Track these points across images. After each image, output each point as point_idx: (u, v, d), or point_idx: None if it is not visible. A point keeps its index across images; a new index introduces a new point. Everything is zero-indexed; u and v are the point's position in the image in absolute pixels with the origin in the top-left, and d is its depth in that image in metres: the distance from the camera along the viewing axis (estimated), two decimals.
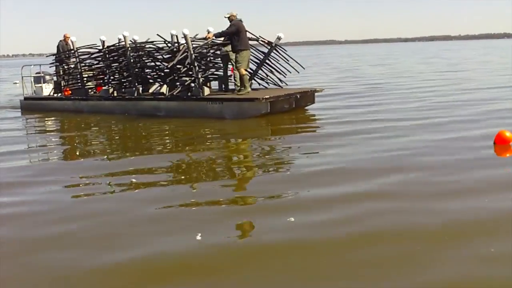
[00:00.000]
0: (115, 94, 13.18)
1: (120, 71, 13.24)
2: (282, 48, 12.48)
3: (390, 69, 29.30)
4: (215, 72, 12.58)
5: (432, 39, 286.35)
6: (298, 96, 11.50)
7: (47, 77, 15.37)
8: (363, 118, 10.48)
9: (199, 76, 11.45)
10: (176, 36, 12.91)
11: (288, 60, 12.55)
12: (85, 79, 13.92)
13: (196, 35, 12.15)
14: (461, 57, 42.25)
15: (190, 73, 11.62)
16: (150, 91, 12.50)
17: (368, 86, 18.03)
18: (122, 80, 13.28)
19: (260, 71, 12.60)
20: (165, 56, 12.38)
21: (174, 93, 11.77)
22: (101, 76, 13.82)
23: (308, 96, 11.83)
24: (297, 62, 12.65)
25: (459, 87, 16.18)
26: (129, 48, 12.69)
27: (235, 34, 11.43)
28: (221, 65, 12.54)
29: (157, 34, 12.57)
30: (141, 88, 12.89)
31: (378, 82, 19.59)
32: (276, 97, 10.84)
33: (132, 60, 12.76)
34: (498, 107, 11.42)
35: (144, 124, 11.22)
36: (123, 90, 13.13)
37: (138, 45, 12.78)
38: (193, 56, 11.28)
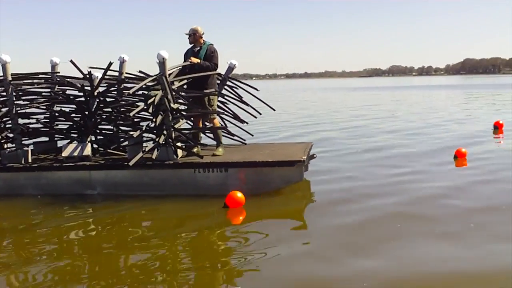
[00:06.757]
0: None
1: None
2: (237, 82, 8.10)
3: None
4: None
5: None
6: (315, 156, 7.70)
7: None
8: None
9: (171, 129, 6.80)
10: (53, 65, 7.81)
11: (241, 98, 8.00)
12: None
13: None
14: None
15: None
16: (64, 154, 7.18)
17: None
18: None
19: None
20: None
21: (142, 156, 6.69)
22: None
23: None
24: (265, 103, 8.14)
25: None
26: (12, 83, 7.33)
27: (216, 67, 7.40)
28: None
29: (71, 61, 7.50)
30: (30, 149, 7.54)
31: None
32: (309, 157, 6.91)
33: (15, 103, 7.38)
34: None
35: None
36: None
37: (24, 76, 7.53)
38: (170, 96, 6.63)
